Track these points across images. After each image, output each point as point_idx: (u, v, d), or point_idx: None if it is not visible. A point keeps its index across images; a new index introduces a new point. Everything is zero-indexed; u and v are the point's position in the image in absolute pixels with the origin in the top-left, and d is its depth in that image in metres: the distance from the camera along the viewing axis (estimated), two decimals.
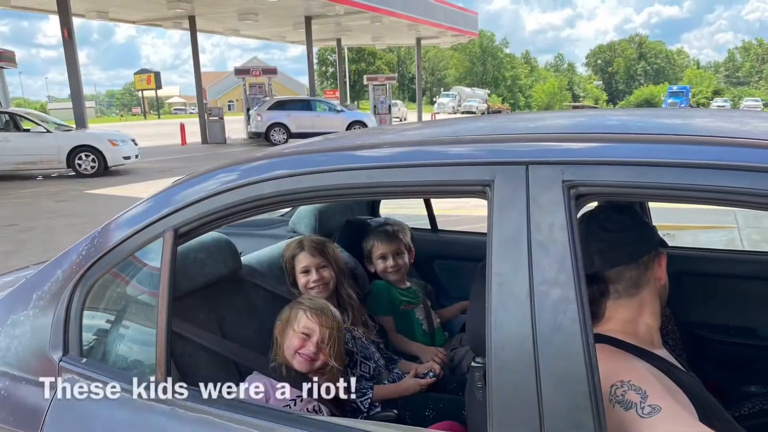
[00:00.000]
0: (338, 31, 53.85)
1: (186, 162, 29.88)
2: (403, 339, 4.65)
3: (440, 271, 5.88)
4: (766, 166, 1.72)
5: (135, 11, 40.51)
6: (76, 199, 20.01)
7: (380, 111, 48.99)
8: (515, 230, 1.94)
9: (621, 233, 2.34)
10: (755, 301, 4.31)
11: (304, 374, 3.29)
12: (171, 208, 2.64)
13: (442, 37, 62.12)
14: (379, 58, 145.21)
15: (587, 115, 2.87)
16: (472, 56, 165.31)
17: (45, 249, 12.45)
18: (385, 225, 4.96)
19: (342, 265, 4.31)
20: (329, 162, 2.41)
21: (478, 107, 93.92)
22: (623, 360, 2.21)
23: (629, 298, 2.36)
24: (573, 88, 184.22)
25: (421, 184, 2.22)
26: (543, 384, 1.85)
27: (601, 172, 1.89)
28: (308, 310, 3.37)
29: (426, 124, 3.10)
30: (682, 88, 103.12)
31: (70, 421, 2.74)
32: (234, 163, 2.70)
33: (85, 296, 2.86)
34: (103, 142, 25.87)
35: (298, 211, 5.40)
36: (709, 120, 2.57)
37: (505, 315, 1.92)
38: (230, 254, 3.63)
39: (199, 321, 3.40)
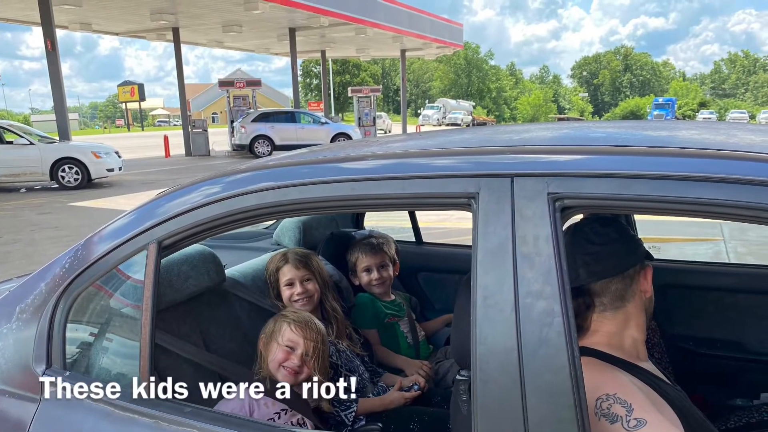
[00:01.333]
0: (323, 42, 53.92)
1: (170, 174, 29.89)
2: (388, 352, 4.64)
3: (425, 284, 5.87)
4: (750, 179, 1.72)
5: (118, 23, 40.50)
6: (59, 211, 19.94)
7: (365, 123, 49.04)
8: (500, 243, 1.94)
9: (606, 246, 2.34)
10: (741, 314, 4.32)
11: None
12: (155, 221, 2.64)
13: (427, 48, 62.21)
14: (364, 69, 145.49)
15: (572, 128, 2.87)
16: (457, 68, 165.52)
17: (28, 262, 12.41)
18: (370, 237, 4.96)
19: (326, 278, 4.29)
20: (313, 174, 2.41)
21: (463, 119, 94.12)
22: (609, 373, 2.21)
23: (615, 311, 2.36)
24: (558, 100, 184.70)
25: (405, 197, 2.21)
26: (528, 397, 1.85)
27: (587, 185, 1.89)
28: (292, 323, 3.36)
29: (411, 137, 3.10)
30: (667, 100, 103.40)
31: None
32: (218, 176, 2.69)
33: (69, 309, 2.84)
34: (87, 154, 25.78)
35: (282, 224, 5.39)
36: (694, 132, 2.57)
37: (490, 328, 1.91)
38: (214, 267, 3.62)
39: (183, 334, 3.39)
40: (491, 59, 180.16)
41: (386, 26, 46.75)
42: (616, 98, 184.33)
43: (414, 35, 51.80)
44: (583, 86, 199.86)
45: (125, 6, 34.41)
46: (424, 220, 5.94)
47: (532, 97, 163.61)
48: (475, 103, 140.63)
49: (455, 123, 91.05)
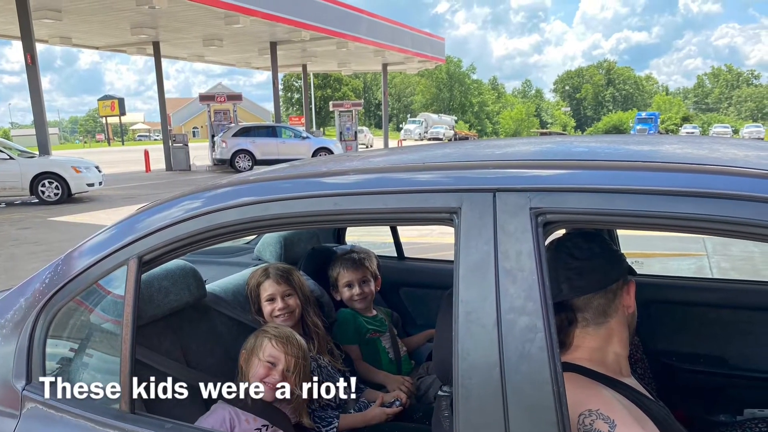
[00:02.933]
0: (304, 56, 53.95)
1: (150, 189, 29.83)
2: (370, 368, 4.63)
3: (407, 299, 5.86)
4: (733, 193, 1.73)
5: (99, 37, 40.42)
6: (39, 226, 19.87)
7: (346, 137, 49.14)
8: (482, 258, 1.94)
9: (589, 261, 2.34)
10: (724, 330, 4.32)
11: (269, 403, 3.27)
12: (135, 236, 2.63)
13: (409, 62, 62.29)
14: (345, 84, 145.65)
15: (555, 142, 2.87)
16: (439, 82, 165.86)
17: (7, 277, 12.36)
18: (351, 252, 4.95)
19: (308, 293, 4.28)
20: (295, 189, 2.41)
21: (445, 134, 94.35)
22: (591, 389, 2.21)
23: (597, 327, 2.36)
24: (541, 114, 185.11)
25: (387, 211, 2.22)
26: (510, 413, 1.85)
27: (569, 199, 1.90)
28: (273, 339, 3.35)
29: (392, 151, 3.10)
30: (650, 115, 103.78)
31: None
32: (198, 190, 2.69)
33: (49, 324, 2.84)
34: (67, 169, 25.71)
35: (264, 239, 5.38)
36: (677, 147, 2.58)
37: (472, 343, 1.91)
38: (195, 282, 3.61)
39: (164, 349, 3.38)
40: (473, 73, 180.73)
41: (368, 40, 46.84)
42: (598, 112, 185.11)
43: (395, 49, 51.88)
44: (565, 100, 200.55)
45: (105, 20, 34.37)
46: (405, 235, 5.93)
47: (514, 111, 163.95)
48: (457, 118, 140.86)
49: (437, 137, 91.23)
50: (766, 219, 1.70)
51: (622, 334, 2.41)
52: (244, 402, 3.22)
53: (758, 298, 4.35)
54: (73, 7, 30.86)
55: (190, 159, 42.66)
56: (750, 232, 1.74)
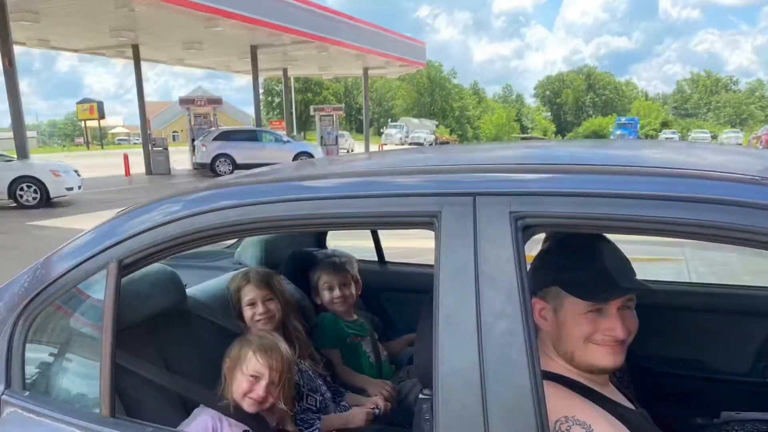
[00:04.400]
0: (284, 60, 53.94)
1: (130, 193, 29.78)
2: (350, 372, 4.63)
3: (387, 304, 5.86)
4: (711, 198, 1.74)
5: (77, 39, 40.28)
6: (17, 231, 19.79)
7: (327, 142, 49.18)
8: (462, 262, 1.95)
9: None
10: (701, 333, 4.35)
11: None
12: (115, 240, 2.63)
13: (390, 67, 62.35)
14: (326, 88, 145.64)
15: (535, 147, 2.89)
16: (420, 87, 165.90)
17: None
18: (333, 257, 4.95)
19: (288, 298, 4.28)
20: (275, 193, 2.41)
21: (426, 138, 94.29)
22: (567, 396, 2.22)
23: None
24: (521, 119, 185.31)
25: (368, 216, 2.23)
26: (490, 416, 1.86)
27: (549, 204, 1.91)
28: (257, 352, 3.31)
29: (373, 155, 3.10)
30: (630, 120, 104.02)
31: None
32: (178, 194, 2.69)
33: (28, 329, 2.84)
34: (46, 173, 25.61)
35: (244, 243, 5.38)
36: (656, 152, 2.59)
37: (452, 347, 1.92)
38: (175, 286, 3.60)
39: (144, 354, 3.36)
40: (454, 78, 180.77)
41: (349, 44, 46.87)
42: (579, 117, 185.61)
43: (376, 53, 51.94)
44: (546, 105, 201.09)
45: (84, 23, 34.24)
46: (386, 239, 5.93)
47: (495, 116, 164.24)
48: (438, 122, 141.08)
49: (418, 142, 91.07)
50: (744, 223, 1.71)
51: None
52: (226, 408, 3.22)
53: (735, 302, 4.39)
54: (50, 9, 30.71)
55: (170, 163, 42.57)
56: (729, 236, 1.76)
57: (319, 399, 4.01)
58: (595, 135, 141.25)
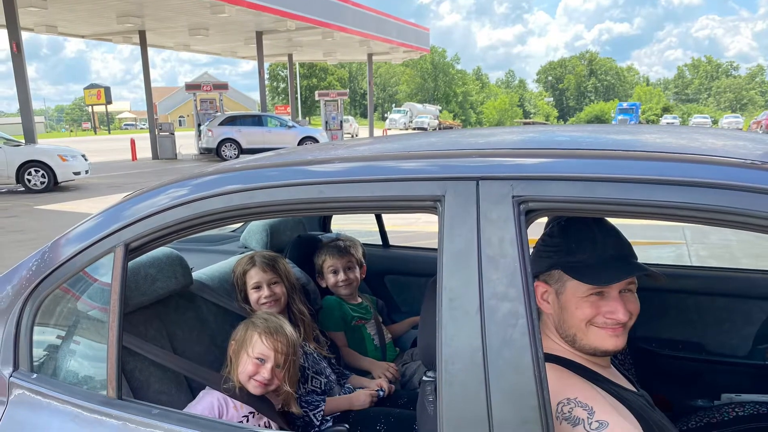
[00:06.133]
0: (290, 46, 53.78)
1: (136, 177, 29.73)
2: (355, 354, 4.66)
3: (391, 287, 5.89)
4: (712, 182, 1.75)
5: (85, 25, 40.23)
6: (25, 214, 19.76)
7: (332, 127, 49.07)
8: (466, 245, 1.95)
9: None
10: (702, 316, 4.36)
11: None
12: (122, 223, 2.63)
13: (394, 52, 62.18)
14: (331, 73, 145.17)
15: (537, 131, 2.88)
16: (424, 72, 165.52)
17: None
18: (337, 240, 4.97)
19: (293, 281, 4.28)
20: (280, 177, 2.41)
21: (430, 123, 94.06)
22: (569, 378, 2.24)
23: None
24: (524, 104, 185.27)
25: (372, 199, 2.22)
26: (493, 398, 1.86)
27: (551, 187, 1.91)
28: (263, 334, 3.32)
29: (377, 140, 3.10)
30: (632, 105, 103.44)
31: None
32: (184, 178, 2.68)
33: (36, 311, 2.84)
34: (53, 157, 25.54)
35: (249, 227, 5.38)
36: (657, 136, 2.59)
37: (455, 329, 1.93)
38: (181, 269, 3.61)
39: (150, 336, 3.38)
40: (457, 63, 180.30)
41: (353, 30, 46.75)
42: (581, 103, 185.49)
43: (381, 39, 51.79)
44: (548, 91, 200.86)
45: (91, 9, 34.19)
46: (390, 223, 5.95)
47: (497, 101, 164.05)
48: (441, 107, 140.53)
49: (422, 127, 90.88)
50: (744, 207, 1.72)
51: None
52: (231, 390, 3.24)
53: (735, 285, 4.40)
54: None
55: (176, 148, 42.54)
56: (728, 219, 1.76)
57: (323, 381, 4.03)
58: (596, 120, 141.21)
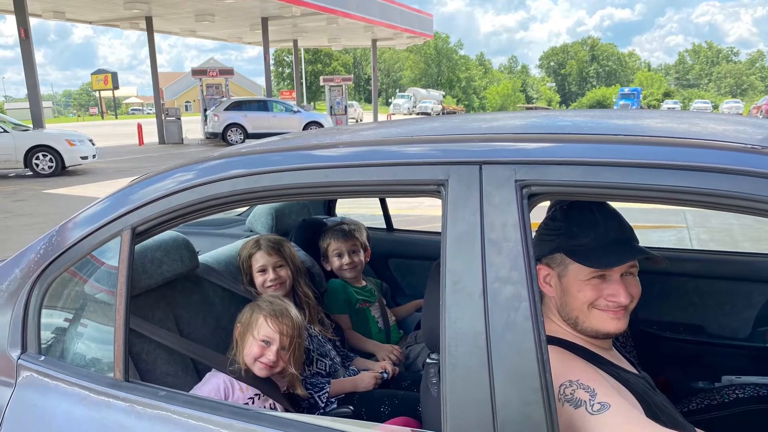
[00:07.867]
0: (295, 32, 53.66)
1: (143, 162, 29.71)
2: (359, 337, 4.69)
3: (395, 270, 5.92)
4: (712, 166, 1.76)
5: (92, 11, 40.11)
6: (33, 198, 19.74)
7: (336, 111, 48.94)
8: (469, 229, 1.97)
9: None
10: (703, 299, 4.38)
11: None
12: (128, 207, 2.65)
13: (398, 38, 62.01)
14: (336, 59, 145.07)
15: (540, 116, 2.89)
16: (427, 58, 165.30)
17: (2, 248, 12.29)
18: (342, 224, 4.98)
19: (299, 264, 4.31)
20: (285, 161, 2.42)
21: (433, 108, 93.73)
22: (571, 360, 2.26)
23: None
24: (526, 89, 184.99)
25: (376, 184, 2.23)
26: (496, 380, 1.88)
27: (553, 172, 1.92)
28: (269, 317, 3.35)
29: (381, 125, 3.10)
30: (633, 90, 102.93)
31: (28, 419, 2.73)
32: (191, 163, 2.70)
33: (43, 294, 2.87)
34: (61, 142, 25.48)
35: (255, 211, 5.40)
36: (659, 121, 2.60)
37: (458, 312, 1.94)
38: (187, 253, 3.62)
39: (157, 319, 3.40)
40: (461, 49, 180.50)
41: (357, 16, 46.59)
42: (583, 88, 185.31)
43: (385, 25, 51.62)
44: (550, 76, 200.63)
45: None
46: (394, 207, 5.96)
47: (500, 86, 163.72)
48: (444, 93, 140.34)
49: (425, 112, 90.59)
50: (744, 191, 1.73)
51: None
52: (237, 372, 3.27)
53: (736, 268, 4.43)
54: None
55: (182, 132, 42.53)
56: (729, 204, 1.77)
57: (328, 363, 4.06)
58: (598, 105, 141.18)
